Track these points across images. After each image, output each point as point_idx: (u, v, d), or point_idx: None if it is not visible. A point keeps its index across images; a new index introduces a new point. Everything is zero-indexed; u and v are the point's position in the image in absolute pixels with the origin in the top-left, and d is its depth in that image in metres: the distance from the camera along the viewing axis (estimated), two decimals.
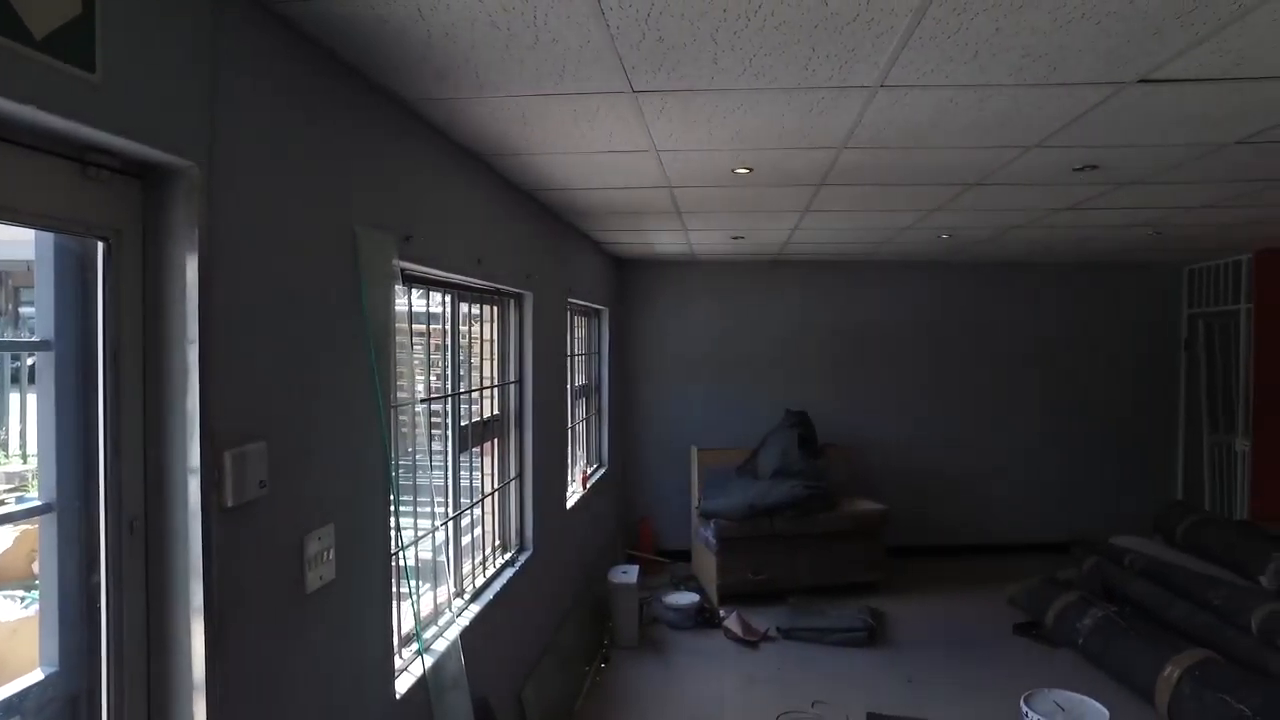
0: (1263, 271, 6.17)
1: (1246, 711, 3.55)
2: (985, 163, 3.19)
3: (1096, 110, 2.50)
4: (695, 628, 5.41)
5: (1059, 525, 7.05)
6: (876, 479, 6.94)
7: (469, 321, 3.56)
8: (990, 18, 1.80)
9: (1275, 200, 3.98)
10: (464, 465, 3.42)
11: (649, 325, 7.07)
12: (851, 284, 7.07)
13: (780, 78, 2.18)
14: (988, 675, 4.66)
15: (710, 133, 2.75)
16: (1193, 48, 1.98)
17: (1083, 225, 4.76)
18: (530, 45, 1.95)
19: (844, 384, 7.07)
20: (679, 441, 6.95)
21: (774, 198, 3.92)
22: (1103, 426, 7.18)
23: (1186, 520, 5.62)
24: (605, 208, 4.29)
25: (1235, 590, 4.61)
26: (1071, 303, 7.16)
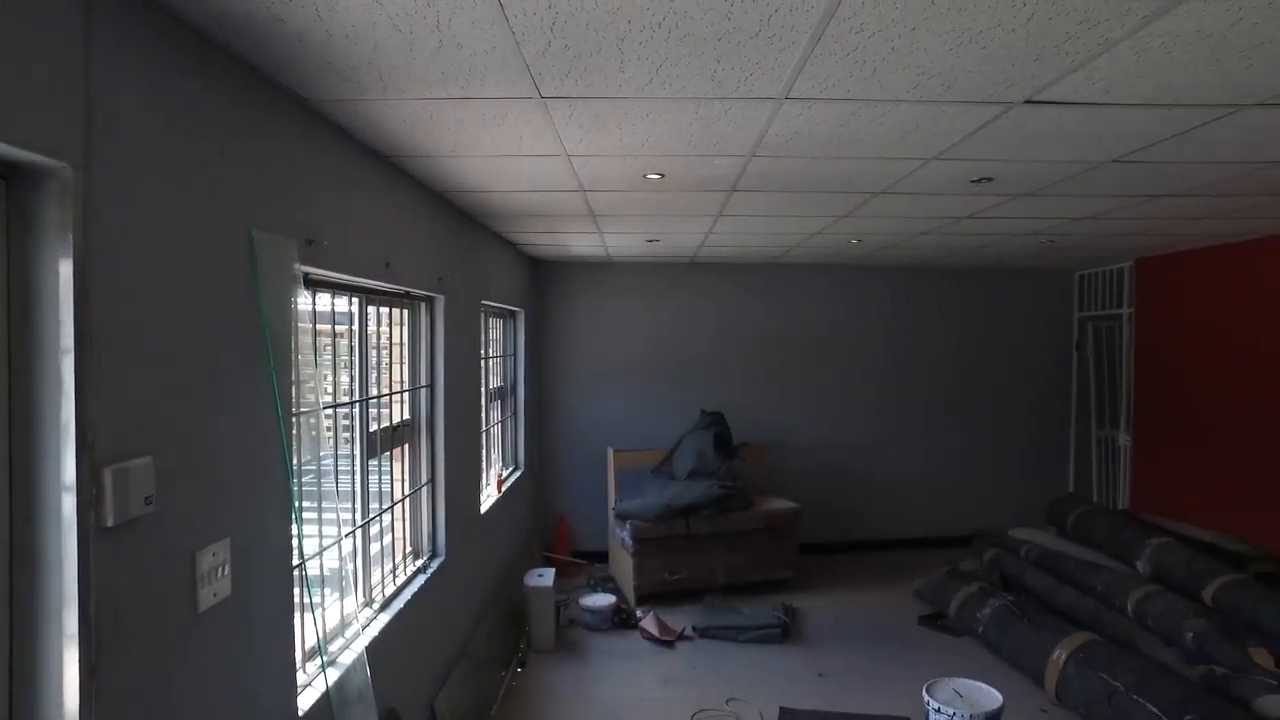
0: (1142, 278, 6.60)
1: (1120, 687, 3.79)
2: (889, 173, 3.30)
3: (989, 127, 2.62)
4: (612, 629, 5.42)
5: (962, 519, 7.36)
6: (790, 477, 7.11)
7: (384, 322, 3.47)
8: (885, 38, 1.87)
9: (1148, 214, 4.26)
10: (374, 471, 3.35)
11: (566, 327, 7.05)
12: (767, 286, 7.21)
13: (687, 87, 2.21)
14: (894, 666, 4.83)
15: (620, 139, 2.76)
16: (1069, 74, 2.11)
17: (982, 233, 4.98)
18: (434, 49, 1.92)
19: (759, 384, 7.21)
20: (596, 442, 6.96)
21: (687, 202, 3.97)
22: (1003, 424, 7.54)
23: (1076, 511, 5.96)
24: (519, 210, 4.26)
25: (1115, 576, 4.91)
26: (974, 306, 7.48)
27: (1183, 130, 2.66)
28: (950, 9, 1.71)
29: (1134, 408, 6.70)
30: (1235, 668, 3.86)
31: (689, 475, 6.14)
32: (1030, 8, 1.71)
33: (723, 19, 1.76)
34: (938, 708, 3.61)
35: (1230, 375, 5.62)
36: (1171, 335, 6.26)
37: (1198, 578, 4.62)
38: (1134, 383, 6.70)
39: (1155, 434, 6.46)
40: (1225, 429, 5.67)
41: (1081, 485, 7.47)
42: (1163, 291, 6.36)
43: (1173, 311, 6.24)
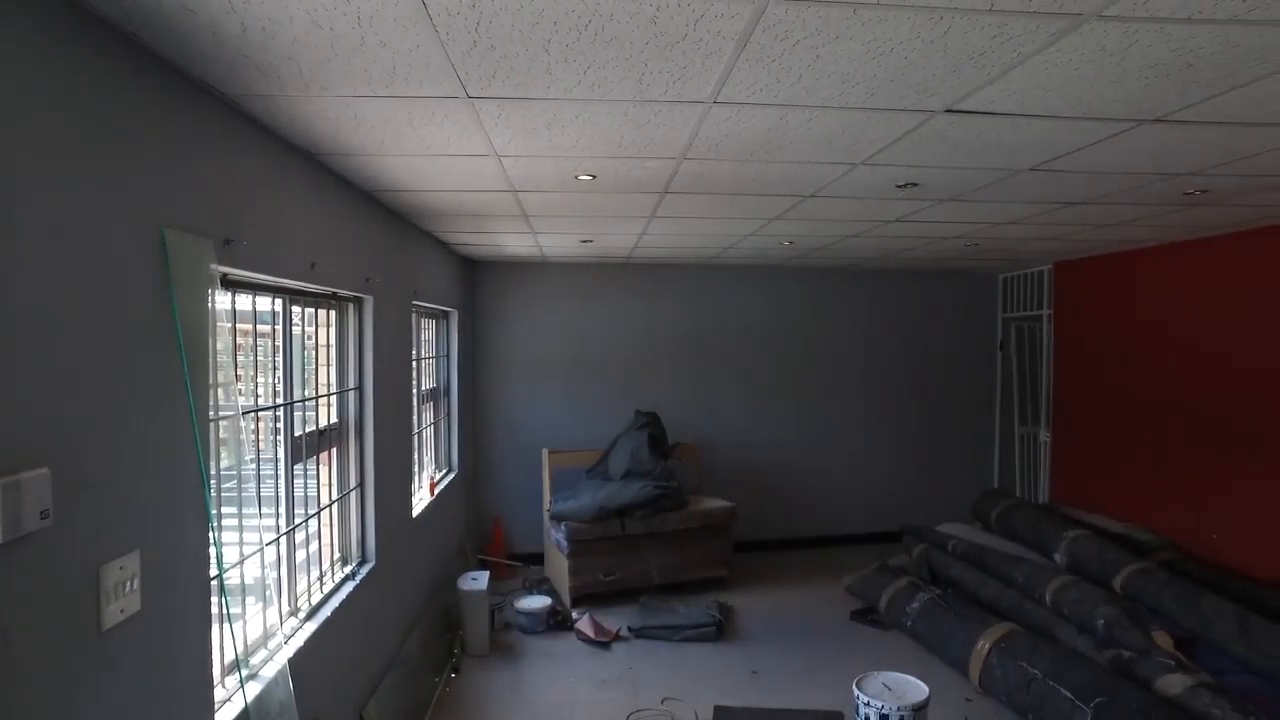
0: (1060, 281, 6.88)
1: (1038, 674, 3.95)
2: (818, 177, 3.37)
3: (912, 134, 2.69)
4: (548, 631, 5.40)
5: (893, 515, 7.55)
6: (725, 477, 7.19)
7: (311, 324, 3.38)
8: (810, 45, 1.90)
9: (1064, 220, 4.44)
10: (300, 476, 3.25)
11: (500, 327, 6.98)
12: (701, 286, 7.27)
13: (616, 90, 2.21)
14: (827, 661, 4.92)
15: (550, 140, 2.75)
16: (986, 85, 2.18)
17: (909, 236, 5.12)
18: (357, 46, 1.88)
19: (694, 384, 7.26)
20: (531, 444, 6.92)
21: (620, 204, 3.97)
22: (931, 421, 7.76)
23: (1000, 506, 6.17)
24: (450, 210, 4.20)
25: (1035, 567, 5.11)
26: (904, 306, 7.68)
27: (1091, 142, 2.78)
28: (871, 20, 1.75)
29: (1053, 405, 6.98)
30: (1140, 651, 4.05)
31: (624, 476, 6.15)
32: (947, 21, 1.76)
33: (649, 23, 1.76)
34: (867, 701, 3.69)
35: (1140, 375, 5.90)
36: (1086, 336, 6.54)
37: (1109, 567, 4.84)
38: (1053, 381, 6.98)
39: (1072, 430, 6.75)
40: (1135, 426, 5.95)
41: (1005, 480, 7.74)
42: (1079, 294, 6.65)
43: (1088, 313, 6.53)
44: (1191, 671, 3.82)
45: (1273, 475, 4.74)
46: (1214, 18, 1.74)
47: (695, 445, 6.97)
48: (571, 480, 6.53)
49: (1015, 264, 7.08)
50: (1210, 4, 1.67)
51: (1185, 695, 3.64)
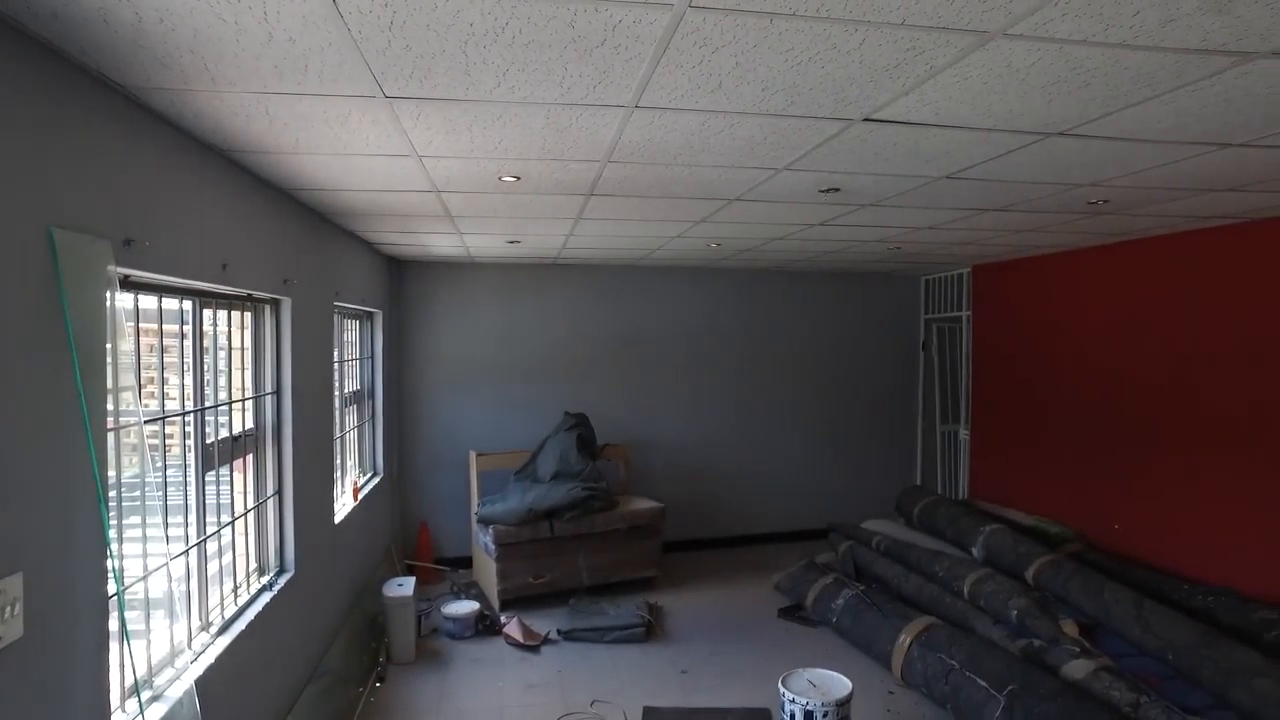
0: (978, 284, 7.12)
1: (955, 665, 4.08)
2: (742, 181, 3.40)
3: (833, 141, 2.74)
4: (476, 636, 5.33)
5: (820, 512, 7.71)
6: (654, 477, 7.23)
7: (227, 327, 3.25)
8: (730, 53, 1.92)
9: (980, 226, 4.60)
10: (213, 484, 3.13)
11: (427, 328, 6.85)
12: (629, 287, 7.28)
13: (536, 93, 2.19)
14: (754, 659, 4.99)
15: (472, 141, 2.70)
16: (901, 96, 2.24)
17: (833, 239, 5.22)
18: (264, 42, 1.81)
19: (623, 385, 7.27)
20: (458, 446, 6.82)
21: (545, 205, 3.94)
22: (857, 420, 7.95)
23: (921, 502, 6.35)
24: (373, 210, 4.10)
25: (954, 562, 5.28)
26: (830, 307, 7.84)
27: (1002, 152, 2.88)
28: (788, 30, 1.78)
29: (971, 404, 7.23)
30: (1049, 639, 4.23)
31: (553, 477, 6.12)
32: (862, 33, 1.80)
33: (567, 27, 1.75)
34: (792, 698, 3.75)
35: (1050, 375, 6.17)
36: (1002, 337, 6.79)
37: (1022, 560, 5.03)
38: (971, 381, 7.23)
39: (989, 428, 7.00)
40: (1046, 423, 6.21)
41: (928, 477, 7.98)
42: (995, 296, 6.90)
43: (1003, 315, 6.78)
44: (1094, 656, 4.01)
45: (1167, 470, 5.01)
46: (1106, 41, 1.82)
47: (625, 446, 6.98)
48: (500, 483, 6.47)
49: (936, 266, 7.30)
50: (1102, 29, 1.75)
51: (1088, 679, 3.82)
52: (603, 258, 6.52)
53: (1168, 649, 3.94)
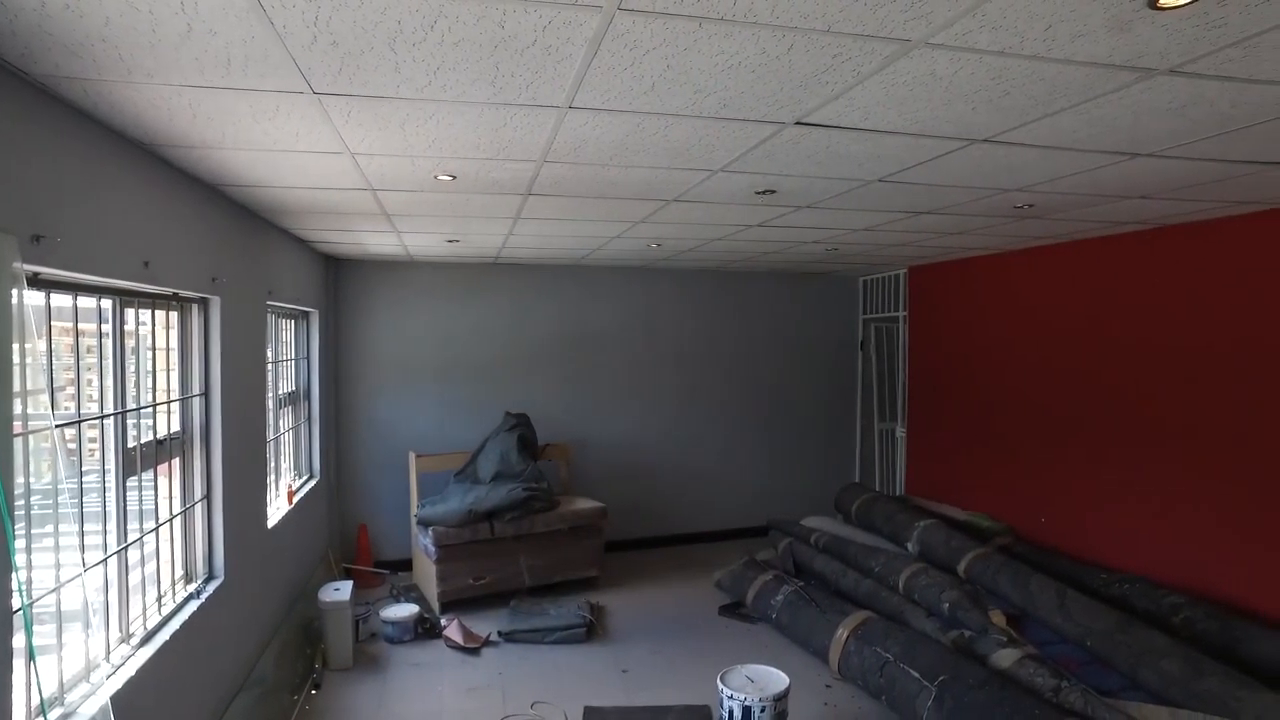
0: (914, 285, 7.30)
1: (890, 657, 4.18)
2: (679, 182, 3.42)
3: (766, 144, 2.78)
4: (415, 640, 5.25)
5: (761, 510, 7.81)
6: (595, 476, 7.23)
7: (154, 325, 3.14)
8: (660, 56, 1.93)
9: (914, 228, 4.72)
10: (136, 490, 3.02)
11: (365, 327, 6.73)
12: (571, 287, 7.26)
13: (468, 92, 2.17)
14: (695, 657, 5.03)
15: (406, 140, 2.67)
16: (831, 101, 2.28)
17: (772, 240, 5.30)
18: (183, 33, 1.76)
19: (564, 384, 7.25)
20: (397, 447, 6.72)
21: (483, 204, 3.91)
22: (797, 418, 8.07)
23: (859, 499, 6.47)
24: (307, 207, 4.01)
25: (890, 557, 5.40)
26: (770, 307, 7.94)
27: (931, 157, 2.96)
28: (717, 34, 1.80)
29: (907, 402, 7.41)
30: (979, 630, 4.36)
31: (493, 478, 6.07)
32: (790, 39, 1.83)
33: (496, 27, 1.74)
34: (730, 694, 3.80)
35: (981, 373, 6.36)
36: (935, 336, 6.98)
37: (954, 554, 5.18)
38: (907, 379, 7.40)
39: (924, 426, 7.18)
40: (977, 421, 6.41)
41: (866, 474, 8.15)
42: (929, 297, 7.08)
43: (937, 315, 6.96)
44: (1020, 645, 4.15)
45: (1087, 466, 5.22)
46: (1022, 54, 1.89)
47: (567, 445, 6.96)
48: (440, 484, 6.40)
49: (873, 268, 7.46)
50: (1018, 42, 1.82)
51: (1014, 667, 3.95)
52: (544, 257, 6.50)
53: (1086, 635, 4.10)
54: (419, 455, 6.36)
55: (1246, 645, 3.80)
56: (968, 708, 3.64)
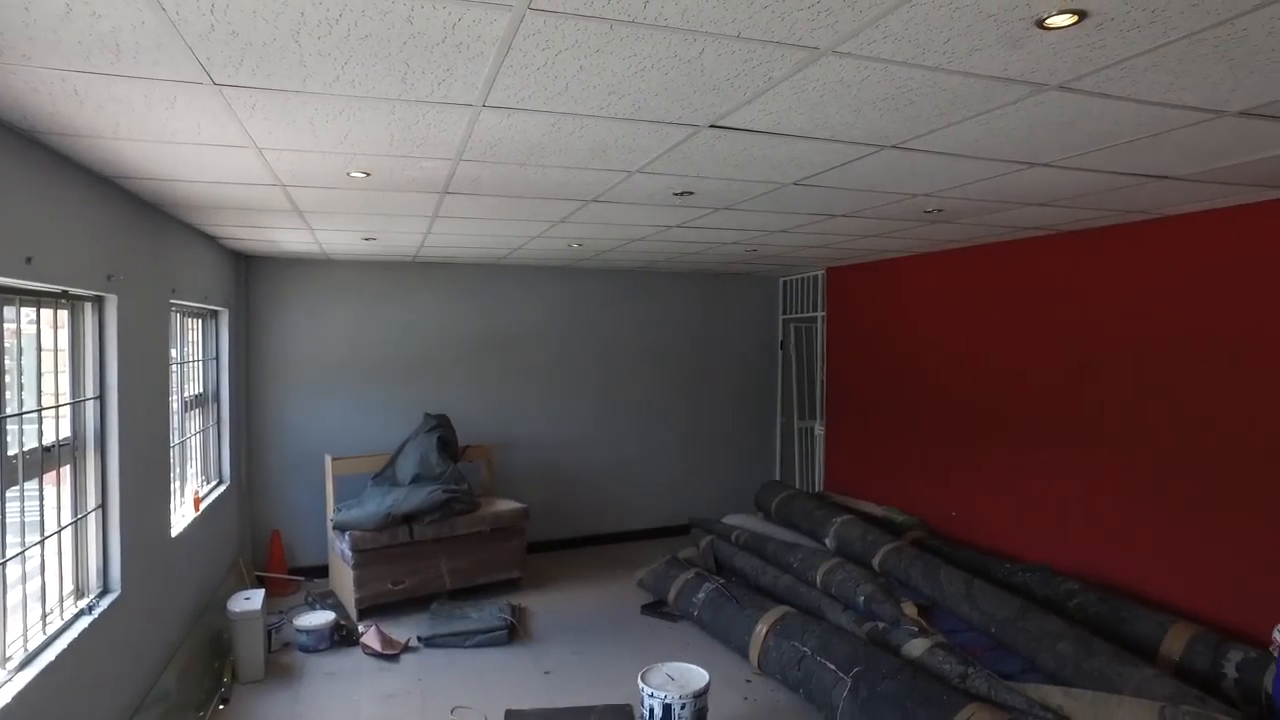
0: (832, 286, 7.48)
1: (808, 651, 4.28)
2: (597, 183, 3.42)
3: (682, 146, 2.81)
4: (332, 648, 5.11)
5: (683, 509, 7.88)
6: (517, 477, 7.18)
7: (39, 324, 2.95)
8: (573, 56, 1.92)
9: (830, 230, 4.83)
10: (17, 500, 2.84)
11: (279, 327, 6.50)
12: (492, 286, 7.18)
13: (378, 88, 2.12)
14: (617, 656, 5.04)
15: (315, 135, 2.59)
16: (744, 105, 2.32)
17: (692, 240, 5.35)
18: (62, 14, 1.66)
19: (485, 385, 7.17)
20: (313, 450, 6.52)
21: (398, 202, 3.83)
22: (719, 417, 8.17)
23: (779, 496, 6.59)
24: (212, 202, 3.85)
25: (808, 552, 5.52)
26: (693, 307, 8.02)
27: (843, 162, 3.04)
28: (629, 37, 1.80)
29: (826, 401, 7.59)
30: (892, 621, 4.50)
31: (413, 480, 5.96)
32: (701, 44, 1.85)
33: (405, 23, 1.70)
34: (650, 693, 3.83)
35: (894, 372, 6.56)
36: (852, 337, 7.17)
37: (869, 548, 5.33)
38: (826, 378, 7.58)
39: (842, 424, 7.37)
40: (892, 419, 6.61)
41: (786, 472, 8.31)
42: (846, 298, 7.27)
43: (853, 316, 7.15)
44: (930, 635, 4.30)
45: (993, 461, 5.45)
46: (924, 65, 1.96)
47: (488, 446, 6.88)
48: (357, 487, 6.24)
49: (793, 269, 7.61)
50: (919, 53, 1.88)
51: (924, 656, 4.10)
52: (464, 256, 6.40)
53: (991, 623, 4.29)
54: (335, 458, 6.19)
55: (1130, 624, 4.05)
56: (880, 697, 3.75)
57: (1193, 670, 3.69)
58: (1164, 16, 1.69)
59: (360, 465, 6.28)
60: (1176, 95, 2.21)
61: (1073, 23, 1.70)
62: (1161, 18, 1.69)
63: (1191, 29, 1.75)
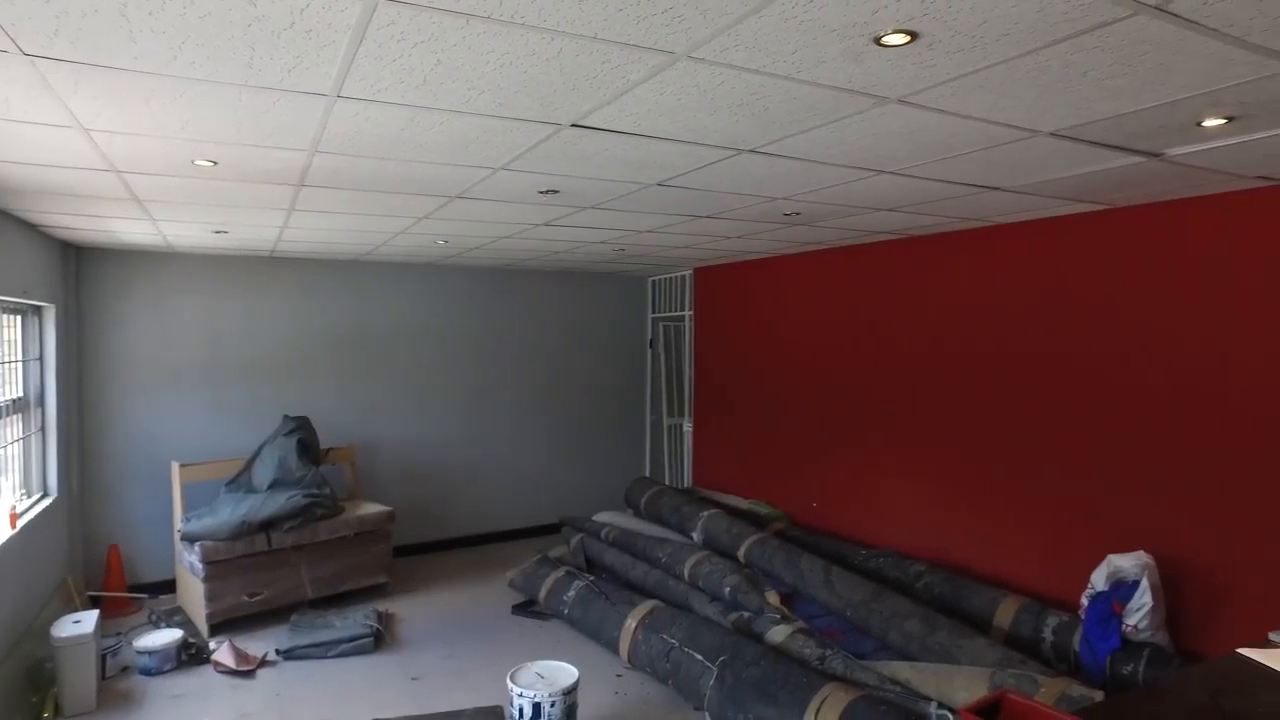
0: (699, 285, 7.67)
1: (676, 643, 4.37)
2: (460, 178, 3.37)
3: (544, 144, 2.80)
4: (179, 668, 4.78)
5: (554, 508, 7.85)
6: (384, 480, 6.96)
7: None
8: (430, 49, 1.89)
9: (695, 231, 4.96)
10: None
11: (117, 324, 6.01)
12: (355, 283, 6.92)
13: (221, 71, 2.01)
14: (488, 658, 4.97)
15: (153, 118, 2.42)
16: (605, 105, 2.34)
17: (560, 239, 5.35)
18: None
19: (352, 385, 6.91)
20: (157, 457, 6.07)
21: (251, 194, 3.63)
22: (590, 415, 8.20)
23: (648, 493, 6.69)
24: (31, 187, 3.52)
25: (676, 547, 5.64)
26: (563, 306, 8.01)
27: (704, 164, 3.13)
28: (485, 32, 1.79)
29: (694, 398, 7.77)
30: (756, 610, 4.67)
31: (271, 486, 5.67)
32: (559, 43, 1.86)
33: (247, 4, 1.62)
34: (520, 692, 3.81)
35: (758, 371, 6.80)
36: (718, 335, 7.38)
37: (735, 540, 5.50)
38: (693, 376, 7.77)
39: (709, 420, 7.57)
40: (756, 414, 6.85)
41: (656, 469, 8.45)
42: (713, 297, 7.47)
43: (720, 315, 7.36)
44: (792, 621, 4.50)
45: (849, 454, 5.76)
46: (775, 73, 2.05)
47: (352, 448, 6.64)
48: (209, 495, 5.86)
49: (661, 268, 7.75)
50: (770, 61, 1.97)
51: (786, 641, 4.28)
52: (326, 251, 6.14)
53: (847, 606, 4.53)
54: (184, 465, 5.79)
55: (969, 600, 4.39)
56: (745, 682, 3.89)
57: (1020, 637, 4.05)
58: (983, 43, 1.84)
59: (212, 472, 5.90)
60: (999, 114, 2.42)
61: (906, 42, 1.83)
62: (981, 44, 1.85)
63: (1006, 55, 1.92)
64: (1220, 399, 3.62)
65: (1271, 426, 3.44)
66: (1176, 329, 3.79)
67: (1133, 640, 3.64)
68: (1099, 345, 4.12)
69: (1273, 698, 1.86)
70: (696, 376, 7.73)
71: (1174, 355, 3.80)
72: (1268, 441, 3.45)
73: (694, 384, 7.77)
